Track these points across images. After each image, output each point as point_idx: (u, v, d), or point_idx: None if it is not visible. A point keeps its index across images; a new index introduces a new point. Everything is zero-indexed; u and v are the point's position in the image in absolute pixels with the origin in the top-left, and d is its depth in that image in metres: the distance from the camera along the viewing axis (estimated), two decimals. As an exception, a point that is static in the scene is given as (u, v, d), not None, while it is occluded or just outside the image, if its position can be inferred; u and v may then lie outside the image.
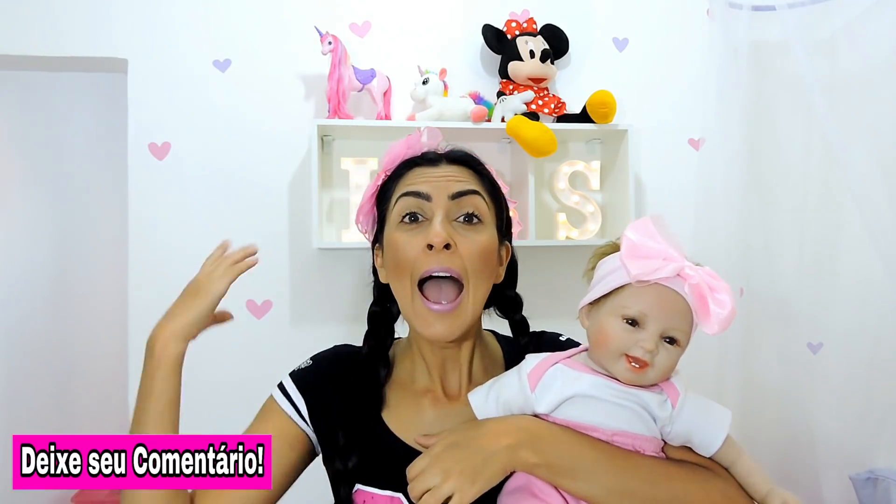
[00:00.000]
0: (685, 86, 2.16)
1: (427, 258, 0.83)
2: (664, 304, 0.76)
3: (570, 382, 0.79)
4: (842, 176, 1.93)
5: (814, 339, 2.12)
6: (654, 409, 0.77)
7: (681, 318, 0.77)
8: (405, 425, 0.88)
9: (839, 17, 1.99)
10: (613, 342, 0.77)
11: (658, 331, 0.77)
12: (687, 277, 0.76)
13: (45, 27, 1.91)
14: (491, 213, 0.90)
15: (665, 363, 0.77)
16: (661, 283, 0.76)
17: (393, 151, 0.93)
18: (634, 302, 0.77)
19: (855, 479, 1.89)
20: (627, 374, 0.77)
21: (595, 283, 0.83)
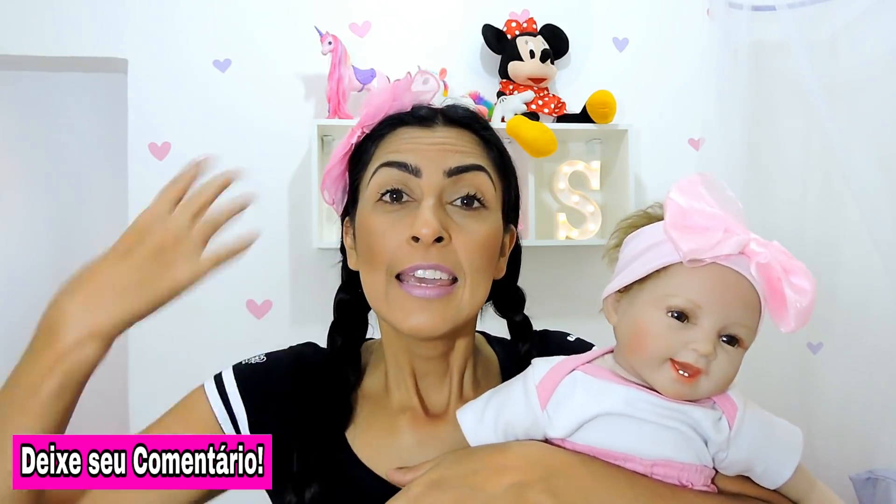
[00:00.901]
0: (685, 86, 2.16)
1: (411, 252, 0.64)
2: (725, 291, 0.57)
3: (594, 396, 0.59)
4: (842, 175, 1.93)
5: (814, 339, 2.12)
6: (708, 431, 0.58)
7: (746, 310, 0.58)
8: (375, 451, 0.68)
9: (839, 17, 1.99)
10: (655, 343, 0.58)
11: (716, 327, 0.57)
12: (754, 255, 0.56)
13: (45, 27, 1.91)
14: (497, 194, 0.69)
15: (724, 371, 0.58)
16: (720, 263, 0.57)
17: (375, 102, 0.71)
18: (685, 289, 0.57)
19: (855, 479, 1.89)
20: (673, 385, 0.57)
21: (625, 264, 0.63)
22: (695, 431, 0.58)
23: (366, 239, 0.67)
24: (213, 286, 2.20)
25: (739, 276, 0.57)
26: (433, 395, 0.73)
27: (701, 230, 0.57)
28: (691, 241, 0.56)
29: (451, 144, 0.68)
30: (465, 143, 0.69)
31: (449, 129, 0.70)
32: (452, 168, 0.66)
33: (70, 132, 2.99)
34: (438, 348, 0.71)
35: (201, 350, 1.92)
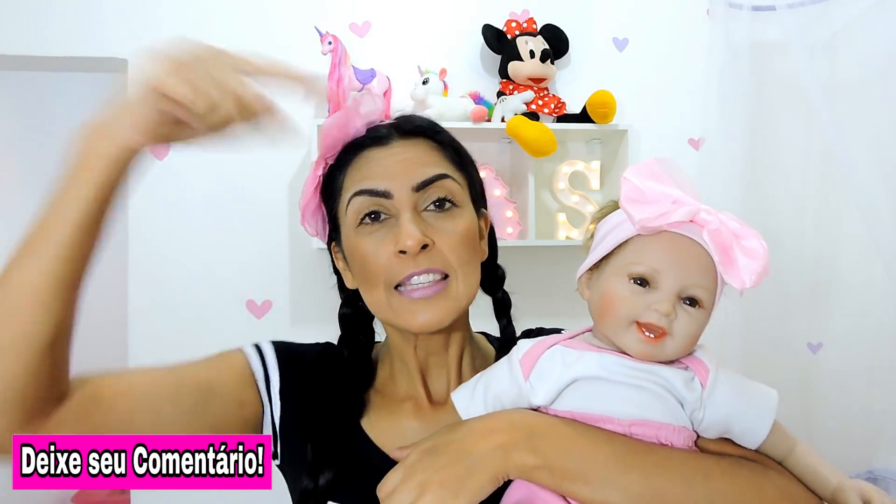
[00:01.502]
0: (685, 86, 2.16)
1: (402, 264, 0.69)
2: (679, 255, 0.62)
3: (571, 364, 0.63)
4: (842, 176, 1.93)
5: (814, 339, 2.12)
6: (680, 390, 0.62)
7: (702, 273, 0.62)
8: (388, 436, 0.74)
9: (839, 17, 1.99)
10: (620, 307, 0.63)
11: (674, 289, 0.62)
12: (704, 223, 0.61)
13: (45, 27, 1.91)
14: (464, 190, 0.75)
15: (686, 330, 0.62)
16: (673, 231, 0.62)
17: (329, 134, 0.75)
18: (643, 256, 0.63)
19: (855, 480, 1.89)
20: (640, 346, 0.62)
21: (594, 245, 0.69)
22: (667, 391, 0.62)
23: (358, 261, 0.73)
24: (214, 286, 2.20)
25: (693, 241, 0.62)
26: (435, 384, 0.79)
27: (652, 203, 0.62)
28: (643, 212, 0.61)
29: (412, 158, 0.72)
30: (423, 153, 0.74)
31: (405, 141, 0.74)
32: (419, 183, 0.71)
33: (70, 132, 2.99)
34: (439, 341, 0.77)
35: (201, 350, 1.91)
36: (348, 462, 0.72)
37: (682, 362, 0.64)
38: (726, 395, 0.63)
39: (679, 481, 0.60)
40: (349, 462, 0.72)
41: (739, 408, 0.63)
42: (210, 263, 1.94)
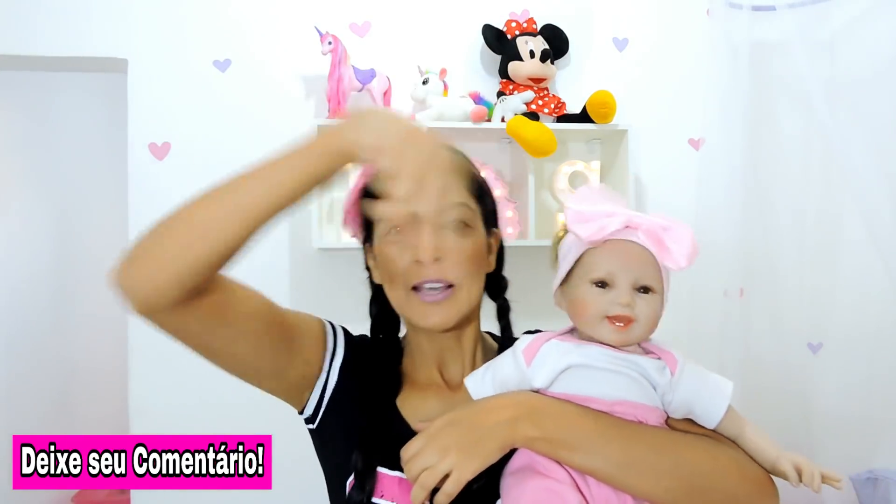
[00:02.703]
0: (685, 86, 2.16)
1: (418, 270, 0.84)
2: (624, 256, 0.76)
3: (564, 354, 0.78)
4: (842, 176, 1.93)
5: (814, 339, 2.12)
6: (653, 376, 0.76)
7: (645, 266, 0.77)
8: (413, 413, 0.87)
9: (839, 17, 1.99)
10: (590, 307, 0.77)
11: (628, 284, 0.76)
12: (637, 226, 0.76)
13: (45, 27, 1.91)
14: (477, 216, 0.89)
15: (647, 313, 0.76)
16: (616, 239, 0.76)
17: None
18: (597, 264, 0.77)
19: (855, 479, 1.89)
20: (614, 334, 0.76)
21: (559, 264, 0.84)
22: (643, 377, 0.76)
23: (384, 264, 0.88)
24: (213, 286, 2.16)
25: (632, 243, 0.77)
26: (452, 373, 0.92)
27: (590, 220, 0.77)
28: (586, 230, 0.76)
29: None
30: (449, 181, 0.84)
31: None
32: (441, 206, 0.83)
33: (70, 132, 2.99)
34: (452, 337, 0.91)
35: (201, 350, 1.92)
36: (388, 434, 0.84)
37: (655, 354, 0.78)
38: (691, 382, 0.77)
39: (651, 451, 0.74)
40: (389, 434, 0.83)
41: (701, 393, 0.77)
42: (210, 263, 1.94)
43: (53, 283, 2.87)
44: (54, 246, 2.89)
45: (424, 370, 0.92)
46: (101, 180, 3.09)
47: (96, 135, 3.07)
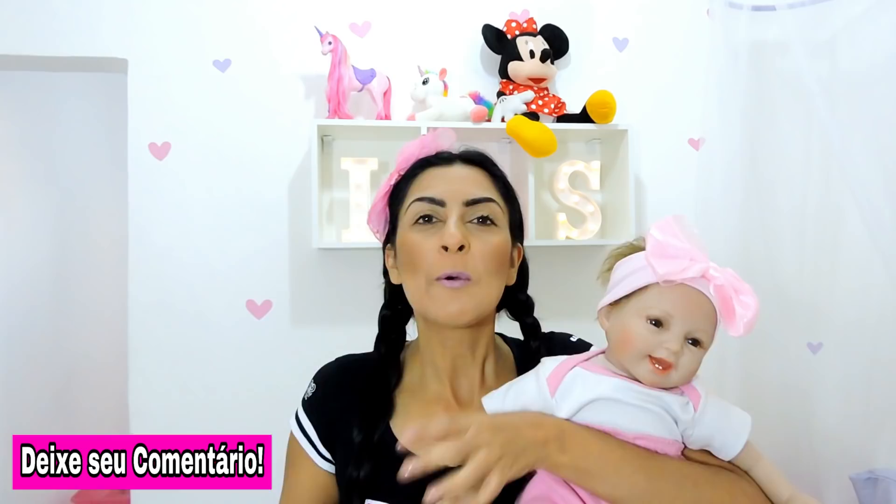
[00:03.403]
0: (685, 86, 2.16)
1: (442, 259, 0.83)
2: (690, 304, 0.76)
3: (590, 386, 0.77)
4: (842, 176, 1.93)
5: (814, 339, 2.12)
6: (677, 412, 0.76)
7: (705, 319, 0.76)
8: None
9: (839, 17, 1.99)
10: (637, 343, 0.76)
11: (683, 332, 0.76)
12: (712, 279, 0.75)
13: (45, 27, 1.91)
14: (504, 217, 0.89)
15: (689, 365, 0.76)
16: (687, 284, 0.75)
17: (407, 151, 0.92)
18: (660, 302, 0.76)
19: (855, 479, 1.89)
20: (651, 375, 0.76)
21: (615, 283, 0.82)
22: (666, 412, 0.76)
23: (407, 252, 0.86)
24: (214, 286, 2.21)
25: (701, 293, 0.76)
26: (462, 385, 0.90)
27: (672, 258, 0.76)
28: (666, 266, 0.75)
29: (469, 179, 0.88)
30: (478, 179, 0.89)
31: (465, 167, 0.90)
32: (469, 199, 0.86)
33: (70, 132, 2.99)
34: (466, 341, 0.89)
35: (201, 350, 1.92)
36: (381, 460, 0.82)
37: (679, 388, 0.78)
38: (712, 417, 0.77)
39: (673, 484, 0.74)
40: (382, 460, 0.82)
41: (721, 427, 0.77)
42: (210, 263, 1.94)
43: (53, 282, 2.87)
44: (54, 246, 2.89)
45: (433, 383, 0.90)
46: (101, 180, 3.09)
47: (96, 135, 3.07)
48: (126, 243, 1.93)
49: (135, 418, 1.90)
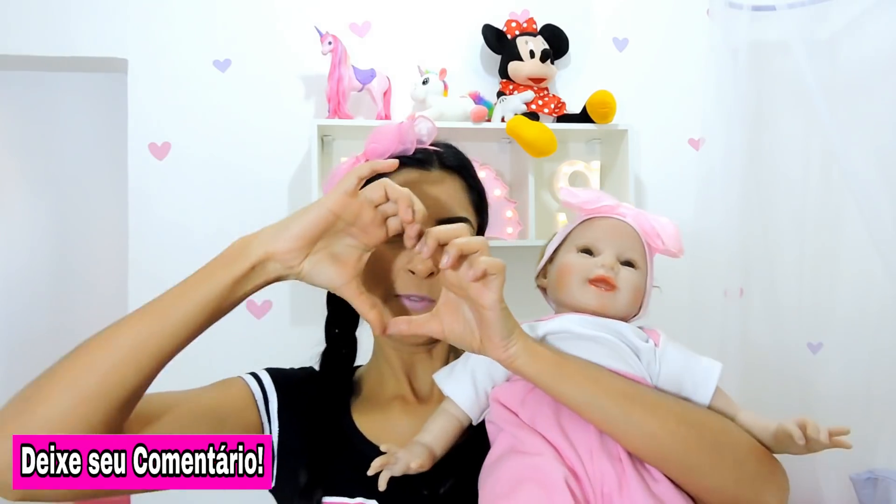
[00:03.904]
0: (685, 86, 2.16)
1: (407, 281, 0.78)
2: (613, 230, 0.81)
3: (539, 327, 0.76)
4: (842, 176, 1.93)
5: (814, 339, 2.12)
6: (633, 340, 0.75)
7: (632, 241, 0.81)
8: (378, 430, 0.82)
9: (839, 17, 1.99)
10: (574, 271, 0.79)
11: (613, 254, 0.79)
12: (626, 213, 0.82)
13: (45, 27, 1.91)
14: (473, 232, 0.84)
15: (630, 283, 0.78)
16: (606, 215, 0.82)
17: (383, 141, 0.81)
18: (586, 233, 0.82)
19: (855, 479, 1.89)
20: (597, 298, 0.77)
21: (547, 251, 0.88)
22: (621, 342, 0.74)
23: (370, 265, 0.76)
24: (213, 286, 2.15)
25: (621, 220, 0.82)
26: (421, 383, 0.86)
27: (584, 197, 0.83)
28: (583, 195, 0.83)
29: (443, 192, 0.82)
30: (454, 192, 0.83)
31: (443, 173, 0.84)
32: (442, 220, 0.79)
33: (70, 132, 2.99)
34: (422, 346, 0.84)
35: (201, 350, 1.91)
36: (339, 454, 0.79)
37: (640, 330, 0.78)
38: (677, 355, 0.76)
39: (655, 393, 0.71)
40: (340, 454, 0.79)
41: (689, 365, 0.76)
42: (210, 263, 1.94)
43: (53, 282, 2.87)
44: (54, 246, 2.89)
45: (391, 382, 0.86)
46: (101, 180, 3.09)
47: (96, 135, 3.07)
48: (126, 243, 1.93)
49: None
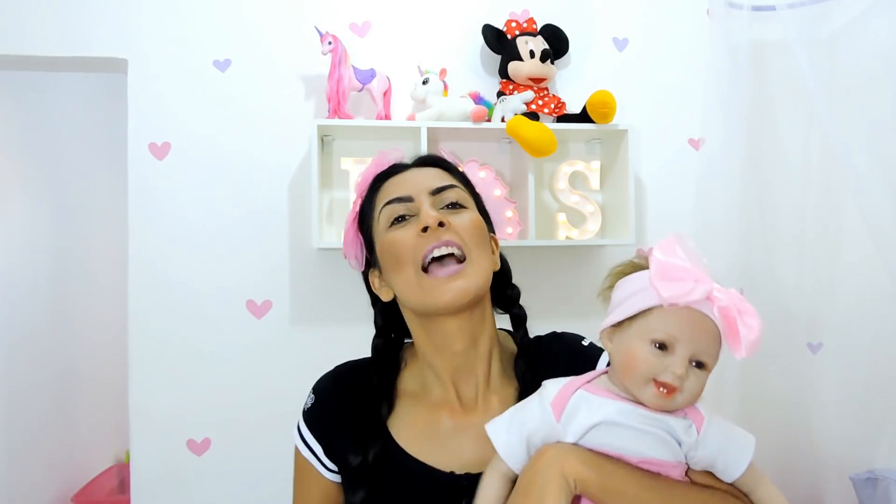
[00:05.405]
0: (685, 86, 2.16)
1: (425, 239, 0.83)
2: (694, 327, 0.75)
3: (595, 409, 0.77)
4: (842, 176, 1.93)
5: (814, 339, 2.12)
6: (680, 435, 0.76)
7: (710, 342, 0.76)
8: (418, 440, 0.86)
9: (839, 17, 1.99)
10: (642, 367, 0.75)
11: (688, 355, 0.75)
12: (716, 300, 0.74)
13: (45, 27, 1.91)
14: (471, 201, 0.91)
15: (694, 388, 0.76)
16: (691, 306, 0.74)
17: (363, 174, 0.95)
18: (664, 325, 0.75)
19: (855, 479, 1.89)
20: (656, 399, 0.75)
21: (617, 304, 0.81)
22: (670, 436, 0.76)
23: (388, 250, 0.86)
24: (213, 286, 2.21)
25: (705, 316, 0.75)
26: (465, 389, 0.89)
27: (676, 280, 0.74)
28: (670, 289, 0.73)
29: (428, 175, 0.91)
30: (438, 173, 0.92)
31: (422, 168, 0.94)
32: (434, 188, 0.88)
33: (70, 132, 2.99)
34: (465, 335, 0.87)
35: (201, 350, 1.92)
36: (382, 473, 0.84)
37: (683, 411, 0.78)
38: (716, 439, 0.77)
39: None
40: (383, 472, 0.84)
41: (724, 449, 0.77)
42: (210, 263, 1.94)
43: (53, 282, 2.87)
44: (54, 246, 2.89)
45: (436, 387, 0.90)
46: (101, 180, 3.09)
47: (96, 135, 3.07)
48: (126, 243, 1.93)
49: (135, 418, 1.90)
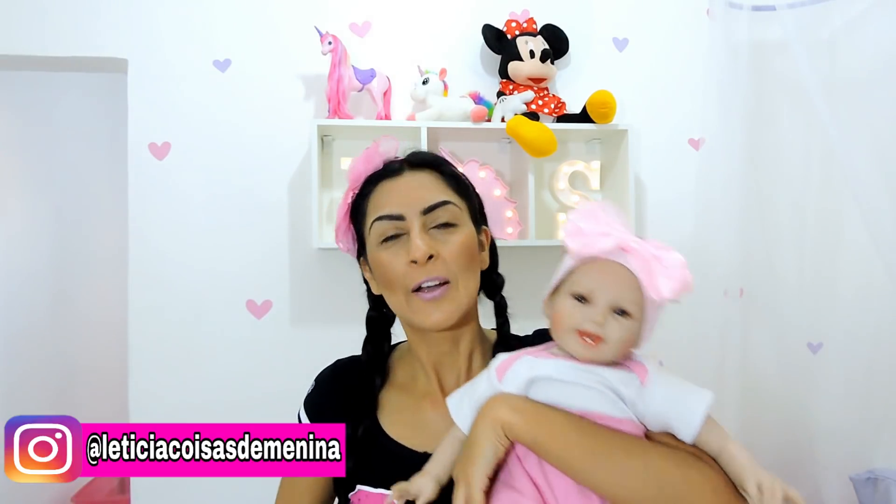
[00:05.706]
0: (685, 86, 2.16)
1: (415, 272, 0.86)
2: (608, 277, 0.77)
3: (532, 367, 0.80)
4: (842, 176, 1.93)
5: (814, 339, 2.12)
6: (618, 387, 0.76)
7: (628, 290, 0.77)
8: (405, 428, 0.91)
9: (839, 17, 1.99)
10: (565, 319, 0.79)
11: (607, 304, 0.77)
12: (630, 250, 0.76)
13: (45, 27, 1.91)
14: (464, 212, 0.92)
15: (618, 335, 0.77)
16: (605, 258, 0.77)
17: (355, 169, 0.95)
18: (581, 279, 0.79)
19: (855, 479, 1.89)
20: (583, 349, 0.77)
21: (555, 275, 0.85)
22: (607, 388, 0.76)
23: (380, 271, 0.90)
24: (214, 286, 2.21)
25: (620, 265, 0.77)
26: (448, 380, 0.94)
27: (585, 235, 0.78)
28: (577, 243, 0.78)
29: (419, 187, 0.90)
30: (429, 182, 0.91)
31: (414, 172, 0.92)
32: (426, 208, 0.88)
33: (70, 132, 2.99)
34: (448, 339, 0.92)
35: (201, 349, 1.92)
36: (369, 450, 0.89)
37: (626, 366, 0.79)
38: (663, 393, 0.76)
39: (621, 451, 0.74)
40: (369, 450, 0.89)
41: (676, 401, 0.75)
42: (210, 263, 1.94)
43: (53, 283, 2.87)
44: (54, 246, 2.89)
45: (422, 379, 0.95)
46: (101, 180, 3.09)
47: (96, 135, 3.07)
48: (126, 243, 1.93)
49: (135, 418, 1.90)
